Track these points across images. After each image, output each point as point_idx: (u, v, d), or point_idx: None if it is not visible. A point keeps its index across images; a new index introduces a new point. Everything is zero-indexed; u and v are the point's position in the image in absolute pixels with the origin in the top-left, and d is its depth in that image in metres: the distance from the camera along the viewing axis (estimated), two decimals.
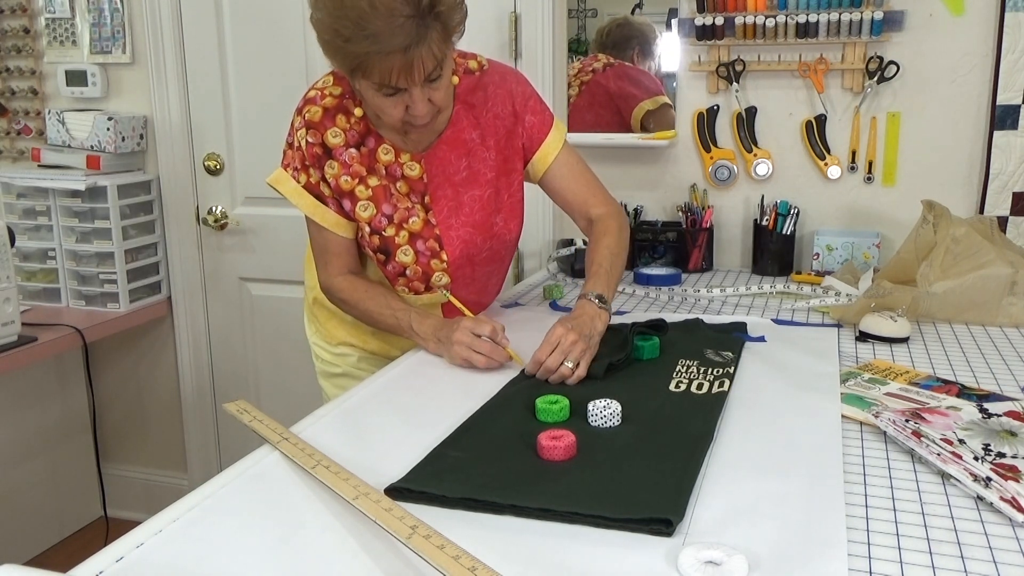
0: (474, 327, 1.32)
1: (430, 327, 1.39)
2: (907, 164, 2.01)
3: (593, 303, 1.35)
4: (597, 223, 1.51)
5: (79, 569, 0.76)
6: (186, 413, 2.77)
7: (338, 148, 1.38)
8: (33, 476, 2.63)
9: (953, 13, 1.92)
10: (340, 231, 1.44)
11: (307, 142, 1.38)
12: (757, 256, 2.05)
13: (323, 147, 1.38)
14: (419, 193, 1.43)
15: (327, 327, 1.60)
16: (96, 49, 2.58)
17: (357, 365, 1.60)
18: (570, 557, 0.78)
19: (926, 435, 1.00)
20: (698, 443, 1.01)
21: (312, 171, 1.40)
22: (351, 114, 1.38)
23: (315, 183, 1.40)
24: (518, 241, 1.57)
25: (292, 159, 1.41)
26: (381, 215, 1.41)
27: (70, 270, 2.51)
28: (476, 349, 1.30)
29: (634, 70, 2.22)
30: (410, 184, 1.42)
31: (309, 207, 1.42)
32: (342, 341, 1.58)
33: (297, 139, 1.39)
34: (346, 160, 1.39)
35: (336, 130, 1.38)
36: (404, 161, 1.41)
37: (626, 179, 2.21)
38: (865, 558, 0.78)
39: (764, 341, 1.46)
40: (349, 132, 1.38)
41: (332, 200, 1.41)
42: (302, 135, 1.38)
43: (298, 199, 1.42)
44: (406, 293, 1.47)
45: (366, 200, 1.40)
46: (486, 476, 0.93)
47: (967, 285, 1.59)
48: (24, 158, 2.70)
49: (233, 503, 0.89)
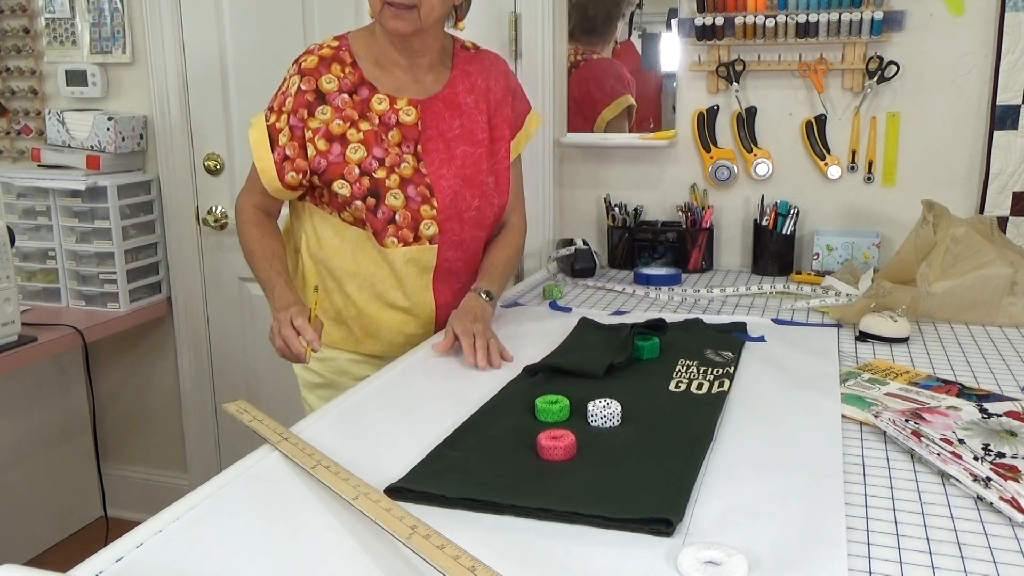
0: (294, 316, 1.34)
1: (283, 301, 1.40)
2: (907, 164, 2.01)
3: (481, 298, 1.47)
4: (508, 231, 1.64)
5: (79, 569, 0.76)
6: (186, 413, 2.77)
7: (332, 93, 1.44)
8: (33, 476, 2.63)
9: (953, 13, 1.92)
10: (263, 177, 1.47)
11: (299, 89, 1.43)
12: (757, 256, 2.05)
13: (316, 93, 1.44)
14: (411, 142, 1.47)
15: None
16: (96, 49, 2.58)
17: (343, 370, 1.58)
18: (570, 557, 0.78)
19: (926, 435, 1.00)
20: (698, 443, 1.01)
21: (284, 117, 1.44)
22: (346, 64, 1.45)
23: (278, 128, 1.44)
24: (502, 216, 1.60)
25: (273, 100, 1.47)
26: (372, 158, 1.44)
27: (70, 270, 2.51)
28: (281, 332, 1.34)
29: (602, 65, 2.20)
30: (403, 132, 1.46)
31: (255, 142, 1.46)
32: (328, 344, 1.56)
33: (287, 86, 1.45)
34: (339, 104, 1.44)
35: (331, 76, 1.44)
36: (401, 107, 1.46)
37: (626, 179, 2.21)
38: (865, 558, 0.78)
39: (764, 341, 1.46)
40: (343, 80, 1.45)
41: (281, 150, 1.44)
42: (295, 81, 1.44)
43: (257, 133, 1.46)
44: (395, 245, 1.47)
45: (357, 143, 1.44)
46: (486, 476, 0.93)
47: (967, 285, 1.59)
48: (24, 158, 2.70)
49: (233, 503, 0.89)
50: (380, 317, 1.54)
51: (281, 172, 1.45)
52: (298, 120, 1.43)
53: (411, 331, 1.56)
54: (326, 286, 1.55)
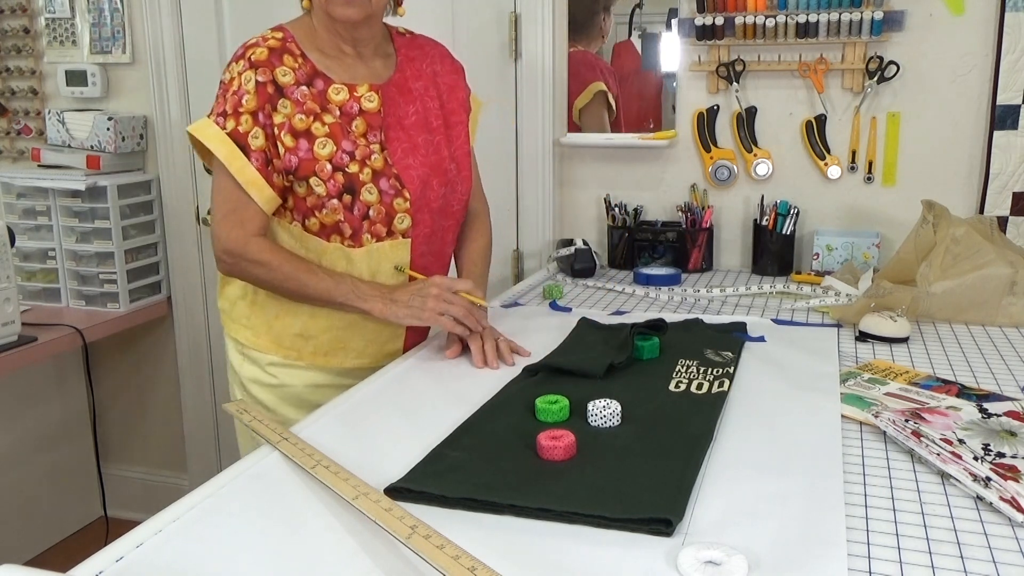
0: (451, 284, 1.34)
1: (374, 287, 1.36)
2: (907, 164, 2.01)
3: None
4: (474, 219, 1.61)
5: (79, 569, 0.76)
6: (186, 413, 2.77)
7: (289, 87, 1.34)
8: (33, 476, 2.63)
9: (953, 13, 1.92)
10: (253, 191, 1.33)
11: (257, 82, 1.32)
12: (757, 256, 2.05)
13: (275, 85, 1.33)
14: (376, 130, 1.39)
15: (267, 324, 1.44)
16: (96, 49, 2.58)
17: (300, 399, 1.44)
18: (570, 557, 0.78)
19: (926, 435, 1.00)
20: (698, 443, 1.01)
21: (245, 118, 1.32)
22: (296, 55, 1.36)
23: (244, 132, 1.32)
24: (467, 204, 1.56)
25: (222, 105, 1.34)
26: (342, 152, 1.36)
27: (70, 270, 2.51)
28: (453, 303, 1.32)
29: (575, 57, 2.20)
30: (368, 121, 1.39)
31: (227, 155, 1.32)
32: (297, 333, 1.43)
33: (240, 83, 1.33)
34: (298, 98, 1.34)
35: (285, 69, 1.35)
36: (361, 94, 1.39)
37: (626, 179, 2.21)
38: (865, 558, 0.78)
39: (764, 341, 1.45)
40: (298, 72, 1.35)
41: (259, 154, 1.32)
42: (248, 77, 1.32)
43: (218, 145, 1.32)
44: (370, 241, 1.39)
45: (324, 137, 1.35)
46: (486, 476, 0.93)
47: (967, 285, 1.59)
48: (24, 158, 2.70)
49: (233, 503, 0.89)
50: (350, 327, 1.43)
51: (269, 178, 1.33)
52: (265, 117, 1.32)
53: (383, 339, 1.47)
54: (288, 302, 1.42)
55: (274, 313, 1.44)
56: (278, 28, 1.40)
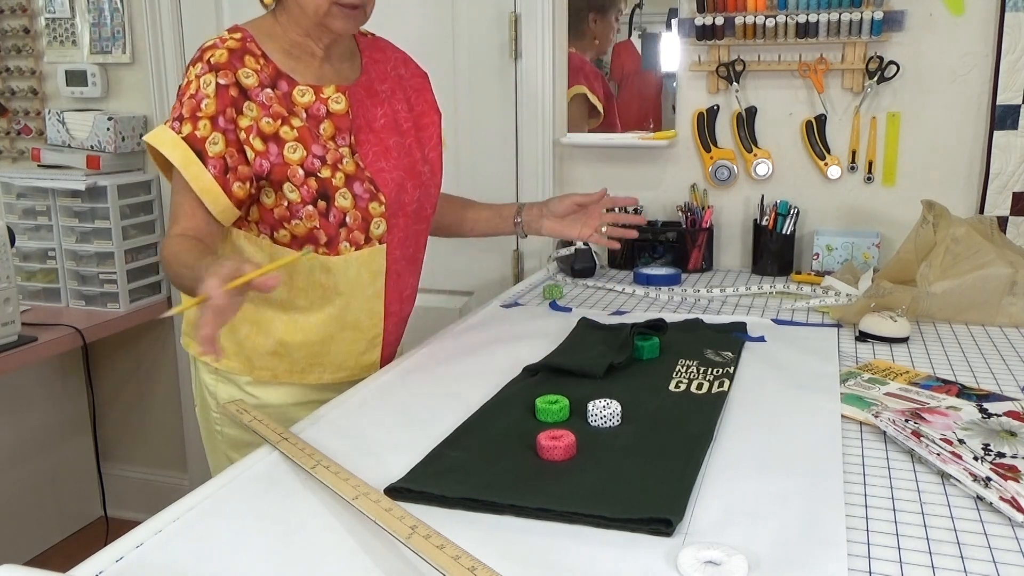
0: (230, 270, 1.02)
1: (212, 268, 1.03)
2: (907, 164, 2.01)
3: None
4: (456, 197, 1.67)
5: (79, 569, 0.76)
6: (186, 413, 2.77)
7: (253, 89, 1.26)
8: (33, 476, 2.63)
9: (953, 13, 1.92)
10: (207, 198, 1.25)
11: (218, 84, 1.24)
12: (757, 256, 2.05)
13: (238, 88, 1.25)
14: (345, 133, 1.33)
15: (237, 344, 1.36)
16: (96, 49, 2.58)
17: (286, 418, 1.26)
18: (570, 557, 0.78)
19: (926, 435, 1.00)
20: (698, 443, 1.01)
21: (203, 123, 1.24)
22: (257, 56, 1.28)
23: (201, 137, 1.24)
24: (436, 207, 1.50)
25: (178, 109, 1.26)
26: (312, 156, 1.29)
27: (70, 270, 2.51)
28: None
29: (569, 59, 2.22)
30: (336, 124, 1.32)
31: (183, 160, 1.23)
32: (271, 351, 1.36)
33: (199, 86, 1.25)
34: (264, 101, 1.27)
35: (247, 71, 1.27)
36: (328, 95, 1.32)
37: (626, 179, 2.21)
38: (865, 558, 0.78)
39: (764, 341, 1.45)
40: (260, 73, 1.28)
41: (217, 161, 1.24)
42: (208, 80, 1.24)
43: (171, 150, 1.24)
44: (348, 249, 1.33)
45: (293, 141, 1.28)
46: (486, 476, 0.93)
47: (967, 285, 1.59)
48: (24, 158, 2.70)
49: (233, 503, 0.89)
50: (324, 341, 1.38)
51: (227, 186, 1.25)
52: (227, 121, 1.24)
53: (360, 350, 1.42)
54: (260, 318, 1.35)
55: (244, 332, 1.36)
56: (235, 28, 1.32)
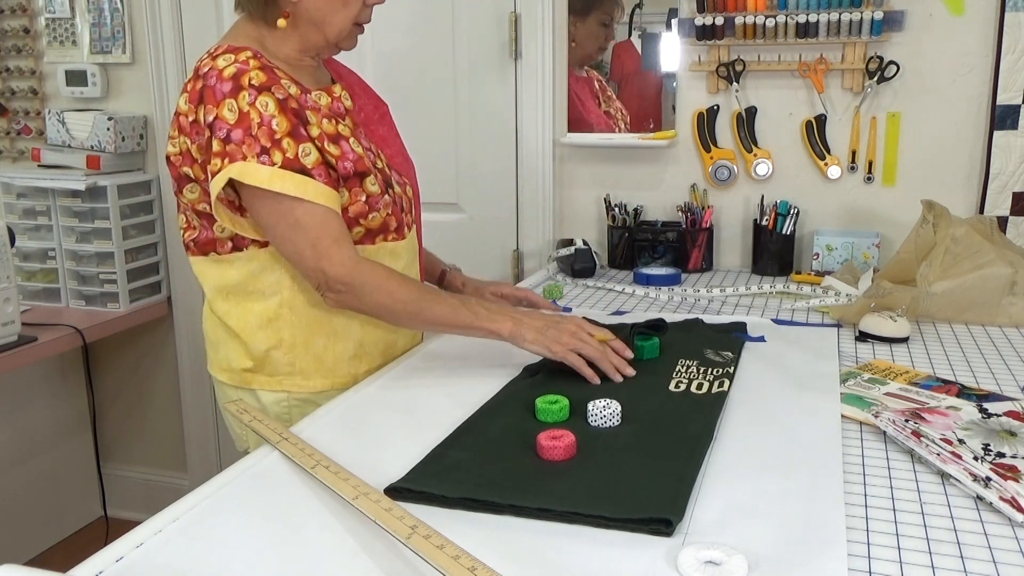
0: (591, 328, 1.27)
1: (495, 307, 1.29)
2: (907, 164, 2.01)
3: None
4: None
5: (79, 569, 0.76)
6: (186, 413, 2.77)
7: (300, 97, 1.24)
8: (33, 476, 2.63)
9: (953, 13, 1.92)
10: (333, 204, 1.22)
11: (277, 100, 1.19)
12: (757, 256, 2.05)
13: (293, 99, 1.22)
14: (359, 127, 1.35)
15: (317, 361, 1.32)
16: (96, 49, 2.58)
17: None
18: (570, 557, 0.78)
19: (926, 435, 1.00)
20: (698, 443, 1.01)
21: (287, 142, 1.19)
22: (278, 70, 1.25)
23: (293, 157, 1.19)
24: None
25: (255, 144, 1.17)
26: (366, 150, 1.30)
27: (70, 270, 2.51)
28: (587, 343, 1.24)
29: None
30: (353, 119, 1.34)
31: (297, 187, 1.18)
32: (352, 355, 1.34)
33: (259, 112, 1.18)
34: (312, 105, 1.25)
35: (286, 81, 1.23)
36: (339, 94, 1.33)
37: (626, 179, 2.21)
38: (865, 558, 0.78)
39: (764, 341, 1.46)
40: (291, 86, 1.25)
41: (320, 169, 1.21)
42: (264, 102, 1.18)
43: (281, 183, 1.17)
44: (394, 239, 1.33)
45: (352, 136, 1.29)
46: (486, 476, 0.93)
47: (967, 285, 1.59)
48: (24, 158, 2.70)
49: (233, 503, 0.89)
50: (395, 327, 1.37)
51: (337, 189, 1.24)
52: (304, 134, 1.21)
53: (413, 332, 1.45)
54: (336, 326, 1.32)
55: (321, 345, 1.32)
56: (235, 49, 1.23)
